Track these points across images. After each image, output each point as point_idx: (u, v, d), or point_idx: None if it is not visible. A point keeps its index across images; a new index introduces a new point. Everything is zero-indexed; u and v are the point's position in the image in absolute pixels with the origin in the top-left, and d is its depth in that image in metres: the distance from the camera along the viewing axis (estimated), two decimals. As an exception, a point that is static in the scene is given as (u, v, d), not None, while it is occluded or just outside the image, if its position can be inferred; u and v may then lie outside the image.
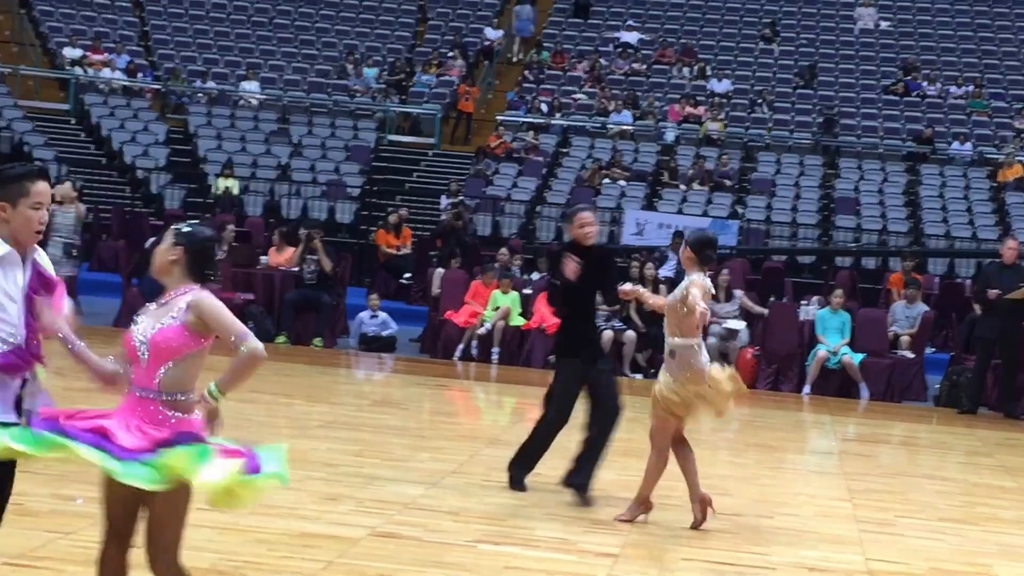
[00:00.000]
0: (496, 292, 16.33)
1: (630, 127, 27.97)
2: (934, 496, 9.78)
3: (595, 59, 30.34)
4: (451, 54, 30.40)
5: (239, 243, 18.42)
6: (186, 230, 4.63)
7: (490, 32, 31.61)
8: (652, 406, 7.75)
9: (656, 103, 28.63)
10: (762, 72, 30.60)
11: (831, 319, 15.57)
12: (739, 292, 16.25)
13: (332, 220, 23.35)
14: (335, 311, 16.64)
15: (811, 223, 24.68)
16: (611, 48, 31.23)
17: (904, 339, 15.87)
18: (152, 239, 18.36)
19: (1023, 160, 26.12)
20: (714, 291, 7.90)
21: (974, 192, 25.73)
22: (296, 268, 16.60)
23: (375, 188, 25.56)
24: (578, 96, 28.98)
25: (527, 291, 16.83)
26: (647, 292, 8.75)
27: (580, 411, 8.46)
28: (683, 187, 25.44)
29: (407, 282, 20.26)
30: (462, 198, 23.26)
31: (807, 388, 15.40)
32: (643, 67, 30.36)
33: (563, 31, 32.21)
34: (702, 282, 7.57)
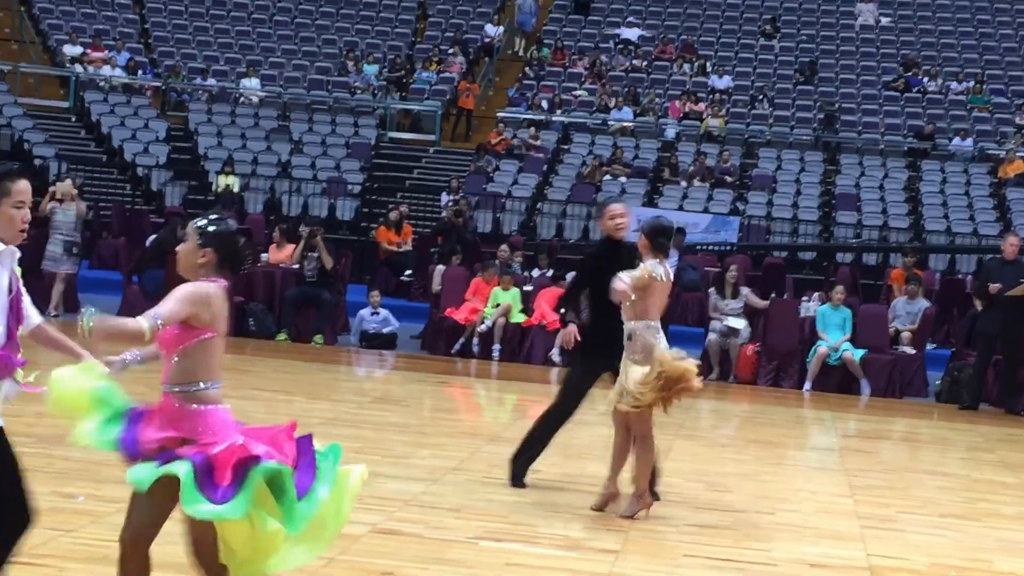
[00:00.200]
0: (497, 289, 16.32)
1: (631, 124, 27.97)
2: (935, 492, 9.77)
3: (596, 56, 30.34)
4: (451, 51, 30.39)
5: (240, 240, 18.39)
6: (211, 230, 4.53)
7: (490, 28, 31.61)
8: (620, 397, 7.71)
9: (657, 99, 28.63)
10: (763, 68, 30.59)
11: (832, 315, 15.56)
12: (746, 290, 16.16)
13: (333, 217, 23.35)
14: (336, 308, 16.63)
15: (812, 219, 24.68)
16: (611, 44, 31.23)
17: (905, 335, 15.86)
18: (152, 237, 18.39)
19: (1024, 156, 26.16)
20: (665, 278, 7.77)
21: (975, 188, 25.72)
22: (297, 265, 16.59)
23: (376, 185, 25.56)
24: (579, 93, 28.98)
25: (528, 288, 16.83)
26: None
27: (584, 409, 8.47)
28: (684, 183, 25.43)
29: (408, 279, 20.25)
30: (463, 195, 23.24)
31: (808, 384, 15.39)
32: (644, 63, 30.36)
33: (563, 28, 32.21)
34: (650, 268, 7.69)
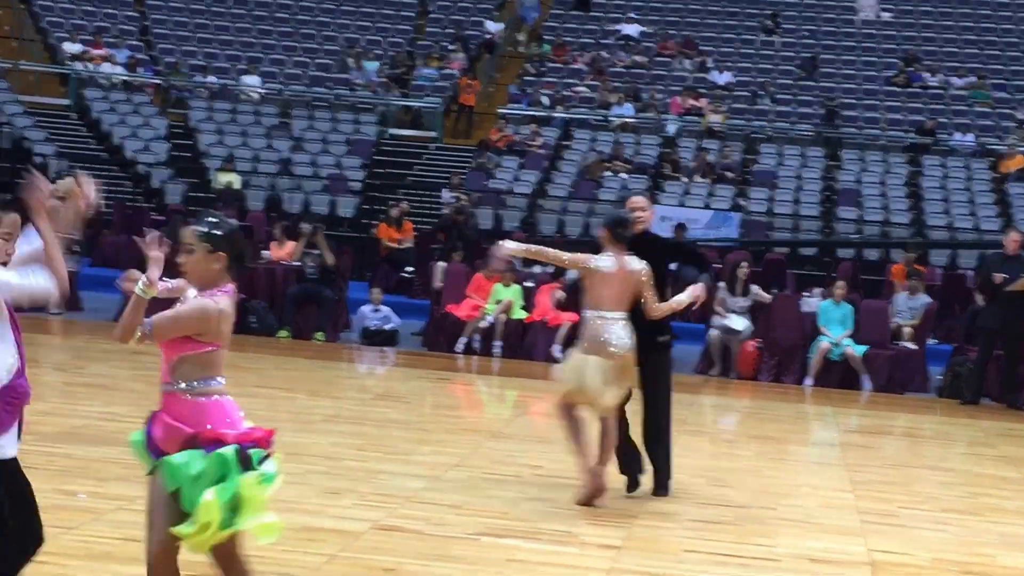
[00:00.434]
0: (498, 285, 16.32)
1: (632, 120, 27.95)
2: (937, 487, 9.77)
3: (596, 52, 30.32)
4: (452, 47, 30.37)
5: (241, 238, 18.40)
6: (219, 233, 4.46)
7: (491, 25, 31.58)
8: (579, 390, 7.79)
9: (658, 95, 28.60)
10: (764, 64, 30.57)
11: (833, 311, 15.55)
12: (756, 288, 16.11)
13: (334, 214, 23.35)
14: (337, 305, 16.63)
15: (813, 215, 24.66)
16: (612, 40, 31.21)
17: (906, 330, 15.85)
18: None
19: (1025, 151, 26.13)
20: (615, 269, 7.78)
21: (976, 183, 25.70)
22: (298, 263, 16.59)
23: (377, 182, 25.54)
24: (580, 89, 28.96)
25: (529, 284, 16.82)
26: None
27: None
28: (685, 179, 25.42)
29: (409, 276, 20.25)
30: (464, 191, 23.22)
31: (809, 380, 15.38)
32: (644, 59, 30.33)
33: (564, 24, 32.18)
34: (582, 259, 7.83)
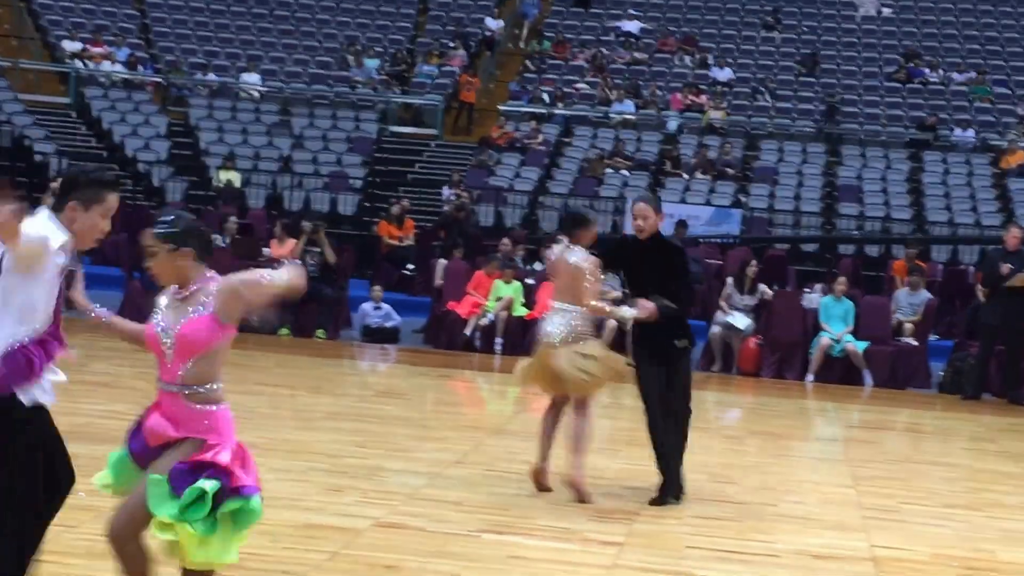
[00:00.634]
0: (499, 282, 16.32)
1: (632, 116, 27.94)
2: (938, 482, 9.77)
3: (597, 48, 30.31)
4: (452, 44, 30.36)
5: (241, 235, 18.41)
6: (178, 229, 4.51)
7: (491, 22, 31.57)
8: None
9: (658, 92, 28.59)
10: (764, 60, 30.55)
11: (834, 307, 15.55)
12: (763, 287, 16.07)
13: (334, 212, 23.33)
14: (338, 303, 16.64)
15: (814, 211, 24.64)
16: (613, 37, 31.19)
17: (907, 326, 15.85)
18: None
19: (1026, 146, 26.11)
20: (562, 263, 7.99)
21: (977, 179, 25.69)
22: (299, 260, 16.59)
23: (377, 179, 25.53)
24: (580, 86, 28.95)
25: (530, 281, 16.82)
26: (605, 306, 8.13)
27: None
28: (686, 176, 25.41)
29: (410, 273, 20.25)
30: (465, 189, 23.21)
31: (811, 376, 15.37)
32: (645, 56, 30.32)
33: (564, 21, 32.16)
34: (593, 260, 7.96)
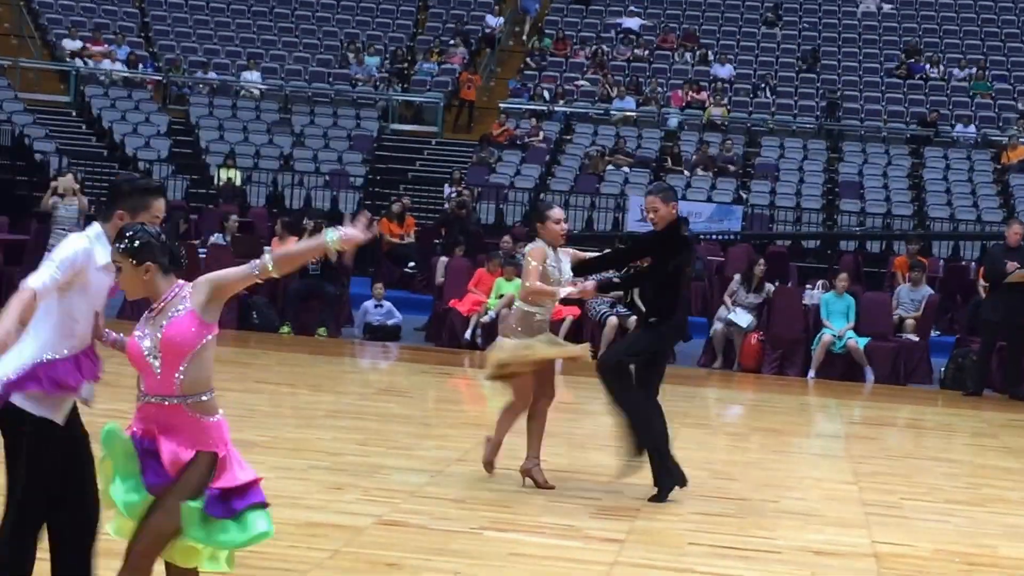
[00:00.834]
0: (500, 279, 16.31)
1: (633, 113, 27.94)
2: (940, 478, 9.76)
3: (597, 45, 30.29)
4: (452, 42, 30.36)
5: (242, 234, 18.41)
6: (137, 244, 4.46)
7: (491, 19, 31.56)
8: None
9: (659, 89, 28.59)
10: (765, 56, 30.54)
11: (836, 303, 15.54)
12: (770, 286, 16.04)
13: (335, 210, 23.31)
14: (339, 301, 16.63)
15: (815, 207, 24.64)
16: (613, 34, 31.18)
17: (909, 322, 15.84)
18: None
19: (1027, 142, 26.10)
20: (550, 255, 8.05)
21: (978, 174, 25.68)
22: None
23: (378, 177, 25.54)
24: (581, 83, 28.94)
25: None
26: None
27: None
28: (687, 173, 25.41)
29: (411, 271, 20.25)
30: (466, 186, 23.21)
31: (812, 372, 15.36)
32: (645, 53, 30.31)
33: (565, 18, 32.16)
34: (536, 248, 8.01)
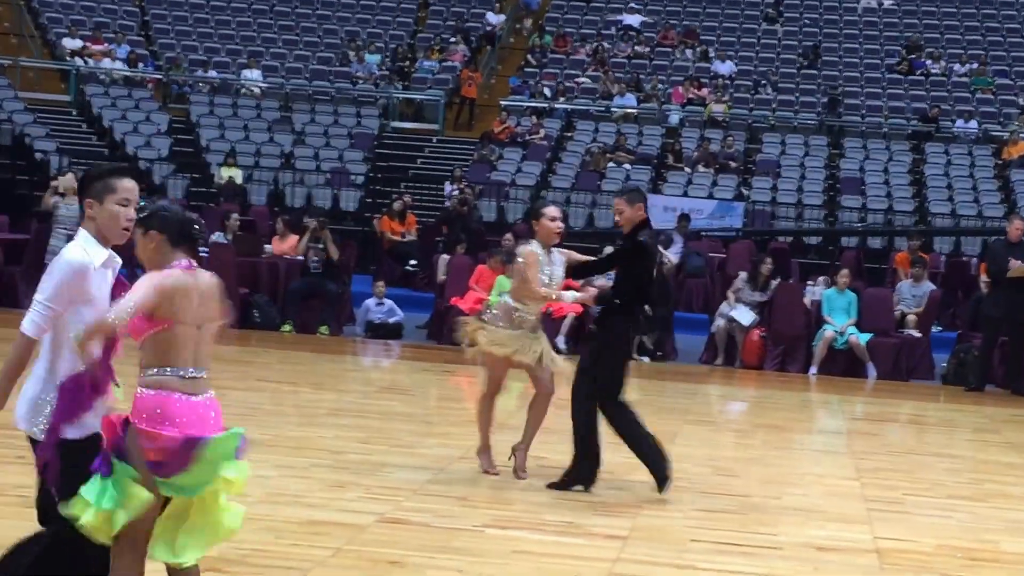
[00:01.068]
0: (501, 277, 16.27)
1: (634, 110, 27.92)
2: (942, 474, 9.76)
3: (598, 42, 30.28)
4: (453, 39, 30.35)
5: (243, 232, 18.39)
6: (145, 214, 4.56)
7: (492, 17, 31.55)
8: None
9: (660, 86, 28.57)
10: (766, 53, 30.53)
11: (837, 299, 15.53)
12: (776, 283, 16.04)
13: (336, 208, 23.34)
14: (341, 299, 16.63)
15: (816, 203, 24.64)
16: (614, 31, 31.17)
17: (911, 318, 15.83)
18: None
19: (1028, 137, 26.08)
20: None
21: (979, 170, 25.67)
22: (301, 257, 16.59)
23: (379, 175, 25.54)
24: (581, 80, 28.93)
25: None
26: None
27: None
28: (688, 170, 25.40)
29: (412, 269, 20.25)
30: (467, 184, 23.20)
31: (814, 368, 15.36)
32: (646, 50, 30.30)
33: (565, 14, 32.15)
34: (530, 251, 8.08)
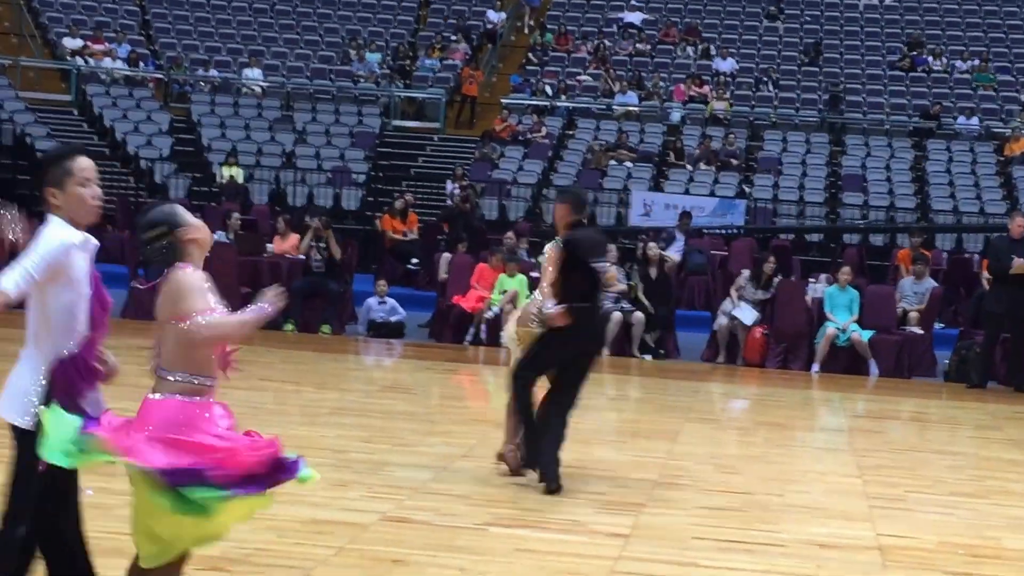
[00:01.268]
0: (503, 276, 16.30)
1: (635, 108, 27.92)
2: (944, 471, 9.75)
3: (599, 40, 30.27)
4: (454, 38, 30.34)
5: (245, 231, 18.41)
6: (139, 219, 4.60)
7: (493, 15, 31.54)
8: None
9: (661, 83, 28.56)
10: (767, 50, 30.52)
11: (839, 296, 15.53)
12: (778, 281, 16.02)
13: (338, 207, 23.35)
14: (343, 298, 16.64)
15: (818, 201, 24.63)
16: (615, 29, 31.16)
17: (913, 315, 15.83)
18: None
19: (1030, 133, 26.07)
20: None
21: (981, 167, 25.66)
22: (303, 256, 16.59)
23: (380, 174, 25.54)
24: (583, 78, 28.92)
25: (534, 274, 16.79)
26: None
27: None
28: (689, 167, 25.39)
29: (414, 268, 20.25)
30: (469, 182, 23.20)
31: (816, 366, 15.36)
32: (647, 47, 30.29)
33: (567, 12, 32.14)
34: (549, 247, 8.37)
